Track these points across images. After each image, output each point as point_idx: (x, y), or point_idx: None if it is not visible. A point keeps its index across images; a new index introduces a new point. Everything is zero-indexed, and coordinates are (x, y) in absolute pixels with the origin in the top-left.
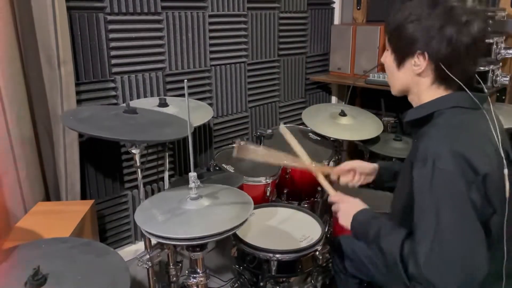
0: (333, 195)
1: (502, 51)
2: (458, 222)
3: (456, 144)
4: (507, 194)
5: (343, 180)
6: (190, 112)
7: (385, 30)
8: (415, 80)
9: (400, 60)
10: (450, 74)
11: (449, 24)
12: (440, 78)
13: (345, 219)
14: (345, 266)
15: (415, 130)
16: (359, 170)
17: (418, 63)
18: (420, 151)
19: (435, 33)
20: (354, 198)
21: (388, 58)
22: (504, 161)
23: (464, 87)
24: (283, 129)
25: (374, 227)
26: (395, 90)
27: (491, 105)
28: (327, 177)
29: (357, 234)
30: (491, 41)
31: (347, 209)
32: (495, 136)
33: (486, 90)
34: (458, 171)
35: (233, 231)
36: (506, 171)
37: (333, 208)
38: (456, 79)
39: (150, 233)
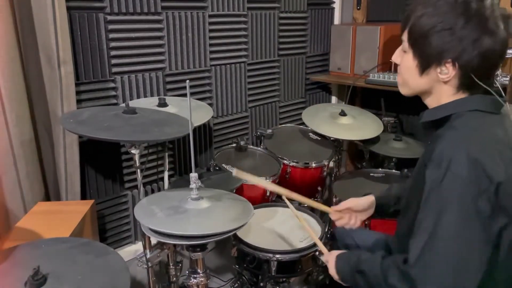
0: (325, 256)
1: None
2: (459, 226)
3: (472, 148)
4: None
5: (339, 223)
6: (191, 112)
7: (407, 31)
8: (438, 86)
9: (425, 66)
10: (481, 83)
11: (484, 35)
12: (466, 85)
13: (332, 270)
14: None
15: (430, 131)
16: (355, 208)
17: (446, 71)
18: (435, 153)
19: (469, 44)
20: (338, 251)
21: (408, 62)
22: None
23: (494, 93)
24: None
25: (353, 256)
26: (409, 91)
27: (509, 110)
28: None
29: (343, 272)
30: None
31: (332, 259)
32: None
33: (504, 95)
34: (472, 177)
35: (234, 232)
36: None
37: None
38: (486, 87)
39: (151, 229)
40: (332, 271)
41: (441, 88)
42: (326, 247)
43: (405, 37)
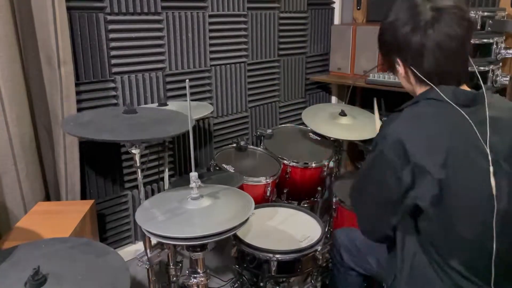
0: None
1: (502, 51)
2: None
3: (402, 132)
4: (494, 192)
5: None
6: (191, 112)
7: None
8: (407, 82)
9: (390, 68)
10: (417, 72)
11: (413, 31)
12: (418, 79)
13: None
14: (343, 258)
15: None
16: None
17: (398, 68)
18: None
19: (402, 40)
20: None
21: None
22: (489, 157)
23: (430, 84)
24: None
25: None
26: (405, 90)
27: (486, 104)
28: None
29: None
30: (491, 41)
31: None
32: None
33: (484, 89)
34: (392, 153)
35: (234, 231)
36: (491, 168)
37: None
38: (425, 79)
39: (150, 233)
40: None
41: (411, 82)
42: (325, 247)
43: None
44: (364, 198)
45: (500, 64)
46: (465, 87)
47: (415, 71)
